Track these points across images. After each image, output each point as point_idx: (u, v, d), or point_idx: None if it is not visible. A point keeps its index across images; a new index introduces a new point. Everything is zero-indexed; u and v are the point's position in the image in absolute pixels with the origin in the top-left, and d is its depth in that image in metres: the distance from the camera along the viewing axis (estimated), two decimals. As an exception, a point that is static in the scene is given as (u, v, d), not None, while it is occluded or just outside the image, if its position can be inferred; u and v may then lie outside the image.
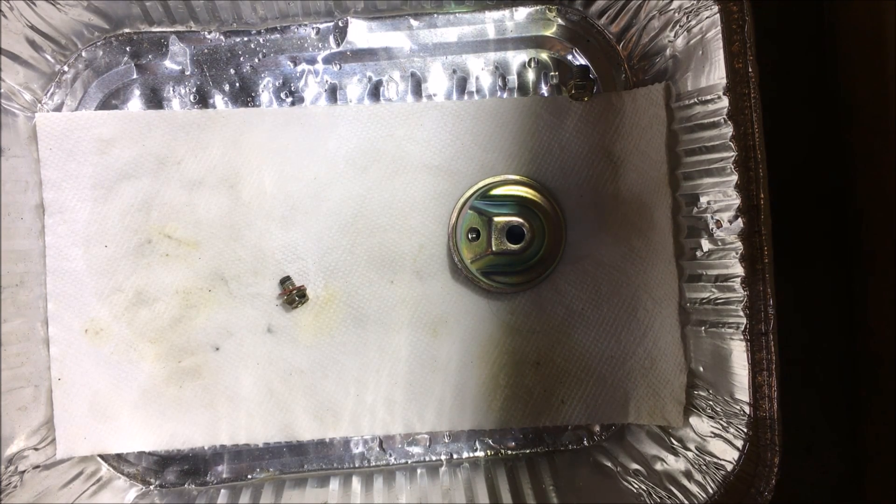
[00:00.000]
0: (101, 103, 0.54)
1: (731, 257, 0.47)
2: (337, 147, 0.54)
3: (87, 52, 0.54)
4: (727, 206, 0.48)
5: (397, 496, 0.52)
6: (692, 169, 0.51)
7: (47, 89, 0.53)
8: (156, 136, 0.53)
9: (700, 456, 0.49)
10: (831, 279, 0.59)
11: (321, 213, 0.54)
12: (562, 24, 0.55)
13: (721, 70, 0.47)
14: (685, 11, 0.49)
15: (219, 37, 0.54)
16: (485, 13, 0.55)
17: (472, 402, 0.54)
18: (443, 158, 0.54)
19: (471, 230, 0.54)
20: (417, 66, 0.55)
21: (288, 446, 0.55)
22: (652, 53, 0.53)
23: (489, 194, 0.54)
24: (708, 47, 0.48)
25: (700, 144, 0.50)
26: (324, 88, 0.55)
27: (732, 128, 0.47)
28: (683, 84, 0.51)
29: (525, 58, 0.55)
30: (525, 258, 0.53)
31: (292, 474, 0.55)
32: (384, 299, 0.54)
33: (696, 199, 0.50)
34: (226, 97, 0.55)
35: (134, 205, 0.53)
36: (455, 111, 0.54)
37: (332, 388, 0.54)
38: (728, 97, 0.46)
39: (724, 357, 0.48)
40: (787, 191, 0.51)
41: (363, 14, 0.55)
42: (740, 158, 0.46)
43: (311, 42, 0.55)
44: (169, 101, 0.54)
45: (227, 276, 0.53)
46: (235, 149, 0.53)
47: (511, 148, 0.54)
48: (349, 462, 0.55)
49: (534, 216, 0.53)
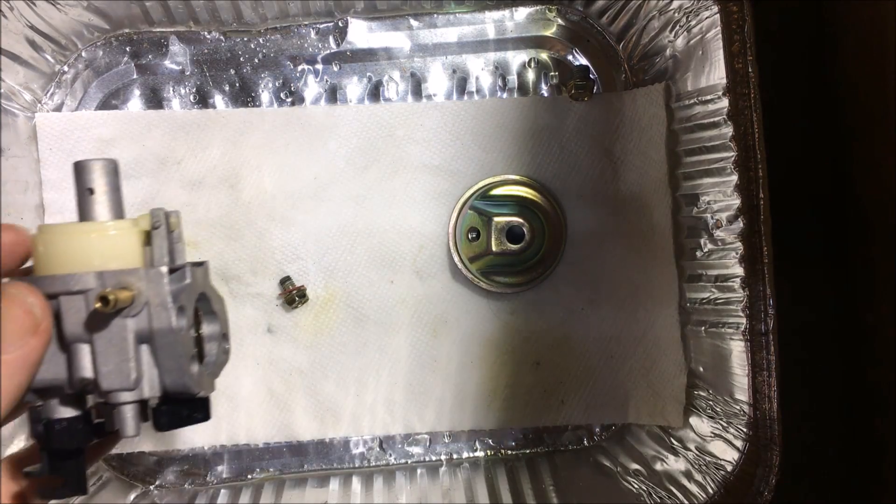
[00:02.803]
0: (101, 103, 0.54)
1: (731, 257, 0.47)
2: (337, 147, 0.54)
3: (87, 52, 0.54)
4: (727, 207, 0.48)
5: (397, 496, 0.52)
6: (692, 169, 0.51)
7: (47, 89, 0.53)
8: (156, 137, 0.53)
9: (700, 456, 0.49)
10: (831, 279, 0.59)
11: (321, 213, 0.54)
12: (562, 24, 0.55)
13: (721, 70, 0.47)
14: (685, 11, 0.49)
15: (219, 37, 0.54)
16: (485, 13, 0.55)
17: (472, 402, 0.54)
18: (443, 158, 0.54)
19: (471, 230, 0.54)
20: (417, 66, 0.55)
21: (288, 446, 0.55)
22: (652, 53, 0.53)
23: (489, 194, 0.54)
24: (708, 47, 0.48)
25: (700, 144, 0.50)
26: (324, 88, 0.55)
27: (732, 128, 0.47)
28: (683, 84, 0.51)
29: (525, 58, 0.55)
30: (525, 258, 0.53)
31: (292, 474, 0.55)
32: (384, 299, 0.54)
33: (695, 200, 0.50)
34: (226, 97, 0.55)
35: (134, 205, 0.53)
36: (455, 111, 0.54)
37: (332, 388, 0.54)
38: (728, 97, 0.46)
39: (723, 357, 0.48)
40: (787, 191, 0.51)
41: (363, 14, 0.55)
42: (740, 158, 0.47)
43: (311, 42, 0.55)
44: (169, 102, 0.54)
45: (227, 275, 0.53)
46: (235, 149, 0.54)
47: (511, 148, 0.54)
48: (349, 462, 0.55)
49: (534, 216, 0.53)
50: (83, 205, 0.34)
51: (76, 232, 0.32)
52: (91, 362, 0.32)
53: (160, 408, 0.33)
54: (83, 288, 0.31)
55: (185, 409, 0.34)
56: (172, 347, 0.32)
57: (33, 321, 0.30)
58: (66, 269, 0.31)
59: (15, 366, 0.29)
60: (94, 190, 0.33)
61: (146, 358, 0.32)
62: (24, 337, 0.30)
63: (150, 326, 0.32)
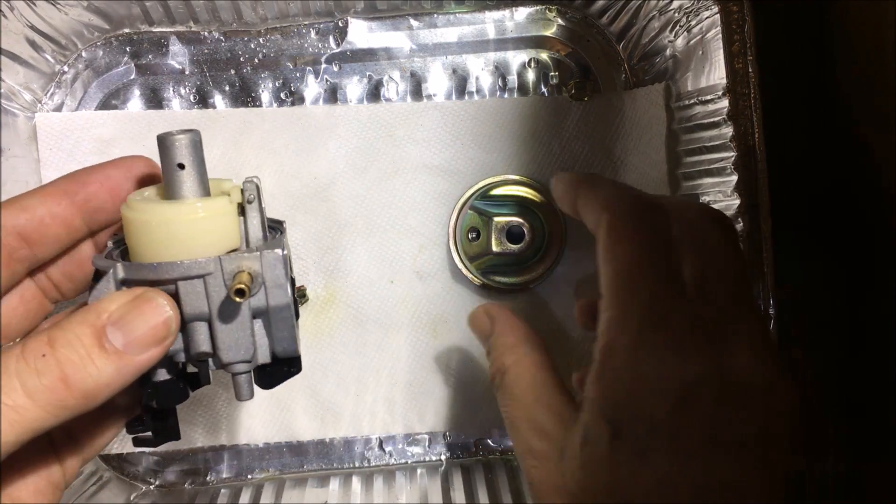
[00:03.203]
0: (101, 103, 0.54)
1: (731, 257, 0.47)
2: (337, 147, 0.54)
3: (87, 52, 0.54)
4: (727, 207, 0.48)
5: (397, 496, 0.52)
6: (692, 169, 0.51)
7: (47, 89, 0.53)
8: (156, 137, 0.53)
9: (700, 456, 0.49)
10: (832, 280, 0.59)
11: (321, 213, 0.54)
12: (562, 24, 0.55)
13: (721, 70, 0.47)
14: (685, 11, 0.49)
15: (219, 37, 0.54)
16: (485, 13, 0.55)
17: (472, 401, 0.54)
18: (443, 158, 0.54)
19: (471, 230, 0.54)
20: (417, 66, 0.55)
21: (288, 446, 0.55)
22: (652, 53, 0.53)
23: (489, 194, 0.54)
24: (708, 47, 0.48)
25: (700, 145, 0.50)
26: (324, 88, 0.55)
27: (732, 128, 0.47)
28: (683, 84, 0.51)
29: (525, 58, 0.55)
30: (525, 258, 0.53)
31: (292, 474, 0.55)
32: (384, 299, 0.54)
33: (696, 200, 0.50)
34: (226, 97, 0.55)
35: (134, 205, 0.53)
36: (455, 111, 0.54)
37: (332, 388, 0.54)
38: (728, 97, 0.47)
39: (724, 357, 0.48)
40: (788, 191, 0.51)
41: (363, 14, 0.55)
42: (740, 159, 0.47)
43: (310, 42, 0.55)
44: (169, 102, 0.54)
45: (227, 276, 0.53)
46: (235, 149, 0.53)
47: (511, 148, 0.54)
48: (349, 462, 0.55)
49: (534, 216, 0.53)
50: (173, 181, 0.34)
51: (185, 214, 0.33)
52: (209, 337, 0.34)
53: (265, 369, 0.36)
54: (203, 273, 0.32)
55: (283, 365, 0.36)
56: (286, 320, 0.35)
57: (165, 333, 0.32)
58: (180, 251, 0.33)
59: (134, 366, 0.31)
60: (185, 165, 0.34)
61: (258, 329, 0.35)
62: (152, 345, 0.31)
63: (267, 304, 0.34)
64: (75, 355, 0.29)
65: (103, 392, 0.30)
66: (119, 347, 0.30)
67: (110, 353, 0.30)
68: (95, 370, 0.30)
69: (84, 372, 0.29)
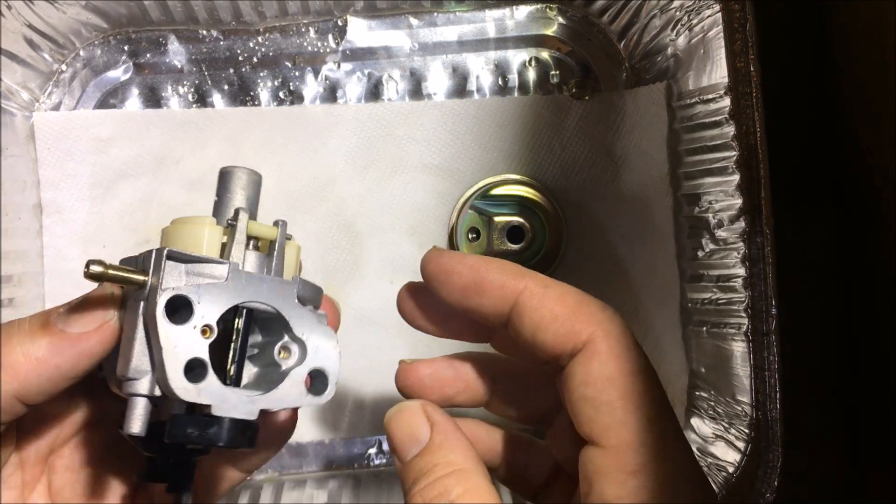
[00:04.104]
0: (100, 102, 0.54)
1: (733, 257, 0.47)
2: (336, 146, 0.54)
3: (85, 51, 0.54)
4: (729, 206, 0.47)
5: (397, 497, 0.52)
6: (693, 168, 0.50)
7: (45, 88, 0.53)
8: (154, 136, 0.53)
9: (702, 457, 0.49)
10: (833, 279, 0.58)
11: (321, 213, 0.54)
12: (562, 22, 0.55)
13: (723, 69, 0.47)
14: (686, 10, 0.49)
15: (217, 36, 0.54)
16: (485, 12, 0.55)
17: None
18: (443, 158, 0.54)
19: (471, 230, 0.54)
20: (417, 65, 0.55)
21: (288, 446, 0.55)
22: (653, 52, 0.53)
23: (489, 194, 0.53)
24: (709, 46, 0.48)
25: (701, 144, 0.49)
26: (323, 87, 0.55)
27: (734, 127, 0.46)
28: (685, 83, 0.50)
29: (525, 57, 0.55)
30: (525, 258, 0.53)
31: (292, 475, 0.55)
32: (384, 299, 0.54)
33: (697, 199, 0.50)
34: (224, 96, 0.54)
35: (132, 204, 0.53)
36: (455, 111, 0.54)
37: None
38: (730, 96, 0.46)
39: (725, 358, 0.48)
40: (789, 190, 0.51)
41: (363, 13, 0.54)
42: (742, 158, 0.46)
43: (310, 41, 0.55)
44: (167, 101, 0.54)
45: (226, 276, 0.53)
46: (234, 148, 0.53)
47: (511, 148, 0.54)
48: (349, 462, 0.55)
49: (534, 216, 0.53)
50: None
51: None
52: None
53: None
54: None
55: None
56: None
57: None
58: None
59: (70, 341, 0.32)
60: (244, 208, 0.37)
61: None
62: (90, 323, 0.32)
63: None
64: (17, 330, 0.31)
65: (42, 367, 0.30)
66: (61, 328, 0.31)
67: (51, 330, 0.31)
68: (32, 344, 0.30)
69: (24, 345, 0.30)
